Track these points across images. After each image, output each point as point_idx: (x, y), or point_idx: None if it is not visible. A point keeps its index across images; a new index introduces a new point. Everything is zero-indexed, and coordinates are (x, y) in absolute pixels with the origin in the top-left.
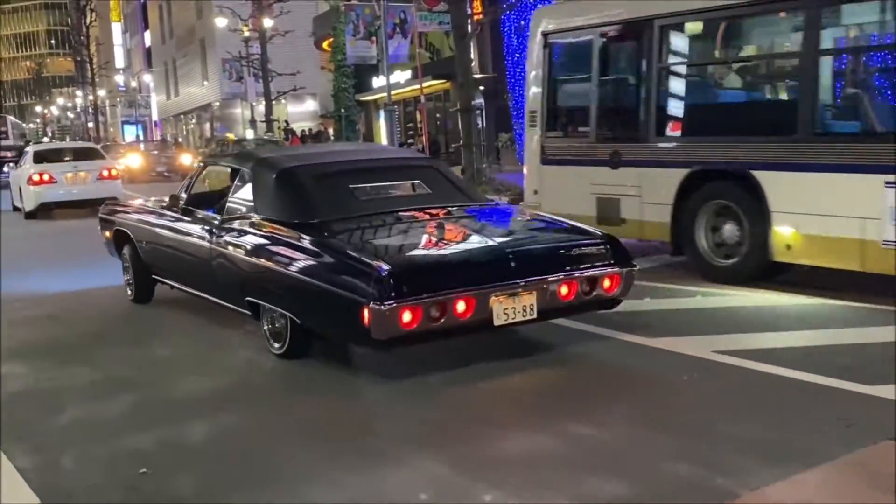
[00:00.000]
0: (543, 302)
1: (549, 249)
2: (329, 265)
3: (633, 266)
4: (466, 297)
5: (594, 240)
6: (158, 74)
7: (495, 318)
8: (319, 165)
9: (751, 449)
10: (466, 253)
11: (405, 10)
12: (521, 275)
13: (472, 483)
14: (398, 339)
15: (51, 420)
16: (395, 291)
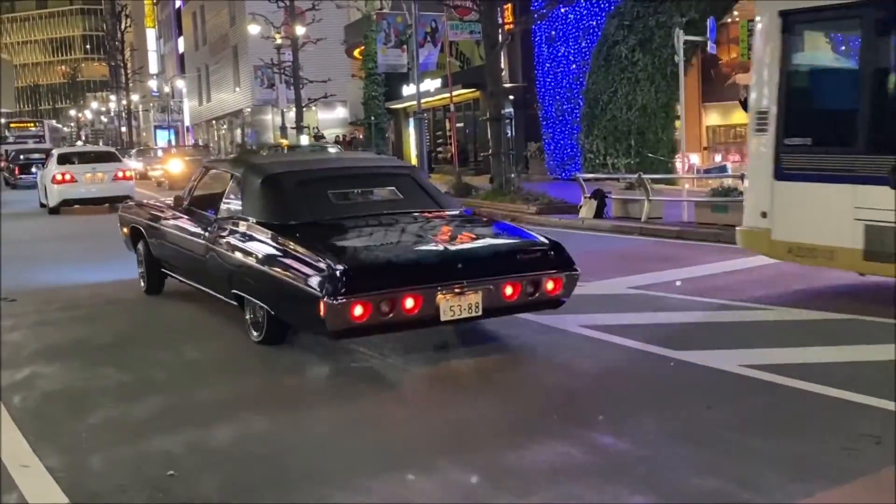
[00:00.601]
0: (489, 300)
1: (496, 253)
2: (295, 263)
3: (574, 270)
4: (414, 295)
5: (539, 246)
6: (191, 80)
7: (442, 314)
8: (303, 172)
9: (779, 464)
10: (417, 254)
11: (436, 19)
12: (467, 275)
13: (497, 493)
14: (351, 331)
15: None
16: (347, 288)
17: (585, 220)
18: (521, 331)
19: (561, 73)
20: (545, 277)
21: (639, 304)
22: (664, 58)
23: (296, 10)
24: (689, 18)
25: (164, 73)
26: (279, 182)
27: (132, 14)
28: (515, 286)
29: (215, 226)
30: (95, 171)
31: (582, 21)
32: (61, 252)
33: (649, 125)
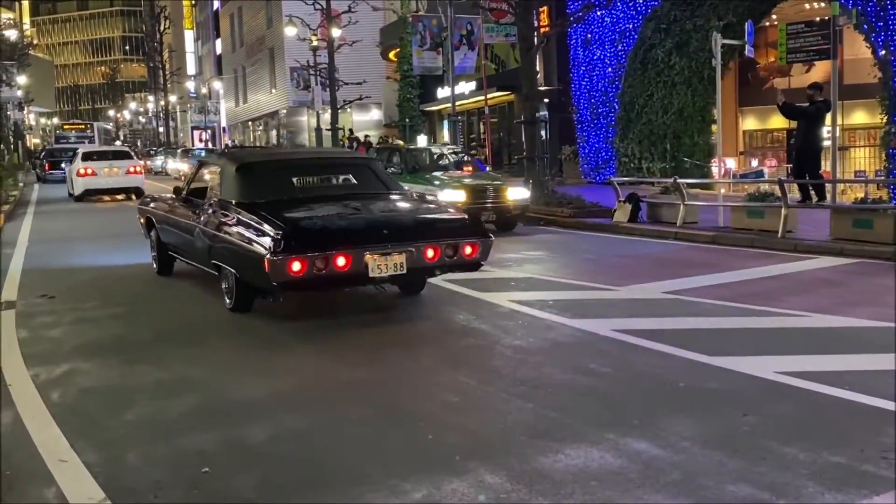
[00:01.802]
0: (412, 261)
1: (420, 223)
2: (252, 231)
3: (488, 237)
4: (345, 254)
5: (459, 217)
6: (228, 81)
7: (370, 272)
8: (271, 162)
9: (815, 473)
10: (349, 222)
11: (472, 22)
12: (392, 240)
13: (530, 496)
14: (291, 284)
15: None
16: (286, 247)
17: (620, 224)
18: (554, 334)
19: (596, 77)
20: (463, 243)
21: (673, 308)
22: (701, 61)
23: (332, 13)
24: (726, 22)
25: (202, 74)
26: (250, 169)
27: (171, 16)
28: (436, 250)
29: (202, 209)
30: (112, 166)
31: (618, 24)
32: (84, 233)
33: (685, 129)
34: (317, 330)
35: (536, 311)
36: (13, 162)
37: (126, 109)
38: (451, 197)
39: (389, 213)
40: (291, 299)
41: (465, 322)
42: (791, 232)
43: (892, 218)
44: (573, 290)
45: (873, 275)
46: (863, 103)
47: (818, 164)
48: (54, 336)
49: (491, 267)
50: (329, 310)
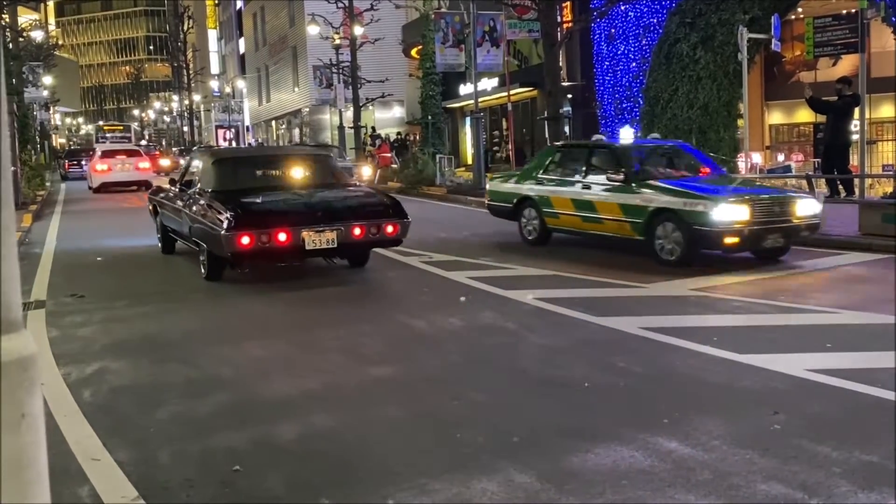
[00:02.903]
0: (341, 237)
1: (349, 206)
2: (216, 213)
3: (406, 219)
4: (286, 231)
5: (382, 202)
6: (251, 80)
7: (306, 245)
8: (239, 157)
9: (848, 472)
10: (292, 206)
11: (494, 18)
12: (325, 220)
13: (560, 496)
14: (243, 254)
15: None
16: (237, 225)
17: None
18: (581, 333)
19: (620, 72)
20: (385, 223)
21: (701, 306)
22: (726, 56)
23: (354, 11)
24: (752, 15)
25: (225, 73)
26: (222, 164)
27: (194, 15)
28: (362, 228)
29: (189, 197)
30: (125, 163)
31: (642, 19)
32: (111, 232)
33: (711, 124)
34: (344, 330)
35: (563, 309)
36: (40, 162)
37: (150, 109)
38: (730, 214)
39: (326, 199)
40: (320, 302)
41: (491, 320)
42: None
43: None
44: (599, 287)
45: None
46: (890, 96)
47: (846, 158)
48: (84, 335)
49: (514, 264)
50: (356, 309)
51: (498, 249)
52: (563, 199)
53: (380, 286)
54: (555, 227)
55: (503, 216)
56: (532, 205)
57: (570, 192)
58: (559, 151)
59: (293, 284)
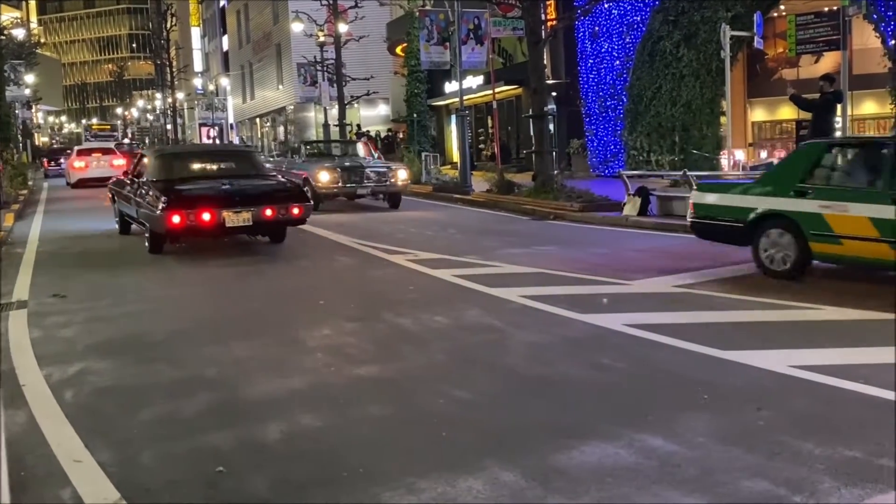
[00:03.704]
0: (256, 217)
1: (262, 192)
2: (155, 198)
3: (309, 202)
4: (210, 211)
5: (290, 188)
6: (235, 78)
7: (227, 223)
8: (178, 153)
9: (831, 468)
10: (215, 192)
11: (479, 16)
12: (241, 203)
13: (546, 494)
14: (176, 231)
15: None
16: (169, 207)
17: (629, 217)
18: (566, 330)
19: (604, 70)
20: (291, 205)
21: (685, 302)
22: (709, 53)
23: (338, 8)
24: (734, 13)
25: (209, 71)
26: (162, 157)
27: (177, 13)
28: (273, 209)
29: (137, 186)
30: (100, 160)
31: (626, 16)
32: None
33: (694, 121)
34: (330, 329)
35: (548, 307)
36: (22, 161)
37: (134, 107)
38: None
39: (244, 186)
40: (305, 301)
41: (476, 318)
42: None
43: None
44: (584, 284)
45: None
46: (872, 93)
47: None
48: (67, 335)
49: (500, 262)
50: (342, 308)
51: (482, 248)
52: (856, 220)
53: (366, 285)
54: (828, 256)
55: (723, 238)
56: (785, 225)
57: (872, 209)
58: (832, 150)
59: (279, 284)
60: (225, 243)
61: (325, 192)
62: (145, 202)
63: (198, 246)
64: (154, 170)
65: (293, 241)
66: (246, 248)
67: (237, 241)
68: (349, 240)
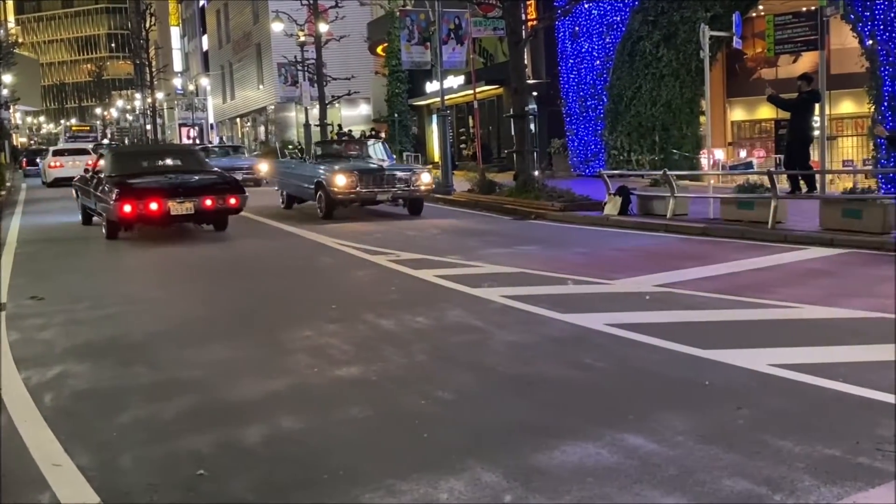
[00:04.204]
0: (197, 206)
1: (203, 184)
2: (109, 190)
3: (245, 194)
4: (156, 201)
5: (228, 181)
6: (215, 78)
7: (171, 212)
8: (130, 151)
9: (810, 467)
10: (162, 185)
11: (459, 16)
12: (184, 195)
13: (527, 493)
14: (127, 219)
15: (112, 419)
16: (121, 198)
17: (610, 217)
18: (547, 329)
19: (585, 69)
20: (228, 196)
21: (665, 302)
22: (689, 53)
23: (319, 8)
24: (713, 13)
25: (189, 70)
26: (118, 155)
27: (157, 12)
28: (212, 199)
29: (96, 181)
30: (74, 160)
31: (606, 17)
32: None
33: (674, 121)
34: (311, 330)
35: (529, 306)
36: (0, 161)
37: (113, 107)
38: None
39: (188, 180)
40: (287, 302)
41: (458, 318)
42: (781, 223)
43: (881, 208)
44: (565, 284)
45: (864, 265)
46: (850, 93)
47: (807, 154)
48: (45, 338)
49: (482, 262)
50: (323, 309)
51: (463, 248)
52: None
53: (347, 285)
54: None
55: None
56: None
57: None
58: None
59: (259, 285)
60: (206, 244)
61: (341, 197)
62: (102, 194)
63: (180, 245)
64: (109, 167)
65: (275, 241)
66: (223, 249)
67: (217, 242)
68: (330, 240)
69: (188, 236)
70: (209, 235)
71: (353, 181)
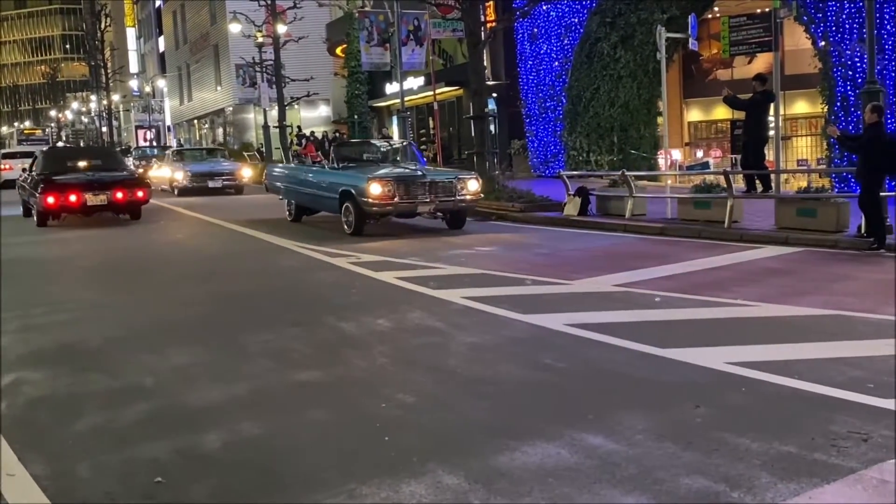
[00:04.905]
0: (109, 198)
1: (115, 179)
2: (38, 186)
3: (150, 188)
4: (76, 193)
5: (136, 177)
6: (172, 79)
7: (88, 203)
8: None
9: (767, 463)
10: (81, 180)
11: (419, 18)
12: (99, 188)
13: (488, 495)
14: (52, 209)
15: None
16: (45, 191)
17: (570, 217)
18: (508, 331)
19: (544, 71)
20: (136, 189)
21: (624, 301)
22: (646, 54)
23: (277, 9)
24: (670, 15)
25: (145, 72)
26: (47, 156)
27: (112, 13)
28: (123, 192)
29: (31, 178)
30: (24, 163)
31: (564, 18)
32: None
33: (632, 122)
34: (271, 334)
35: (490, 308)
36: None
37: (68, 109)
38: None
39: (103, 176)
40: (246, 306)
41: (419, 320)
42: (737, 222)
43: (835, 206)
44: (525, 285)
45: (818, 263)
46: (804, 93)
47: (762, 154)
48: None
49: (443, 264)
50: (283, 312)
51: (424, 249)
52: None
53: (308, 288)
54: None
55: None
56: None
57: None
58: None
59: (219, 287)
60: (166, 247)
61: (376, 210)
62: (32, 189)
63: (142, 249)
64: (40, 166)
65: (228, 244)
66: (180, 254)
67: (174, 245)
68: (290, 243)
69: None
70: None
71: (389, 190)
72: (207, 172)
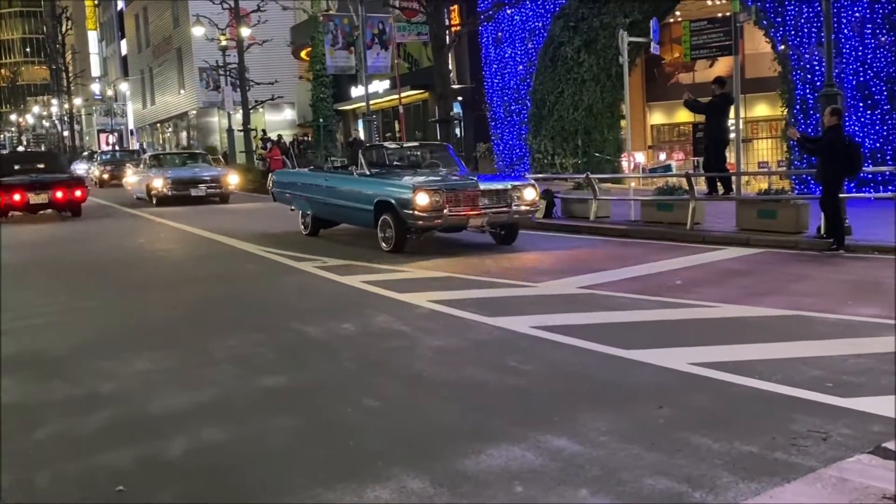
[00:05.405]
0: (50, 197)
1: (56, 180)
2: None
3: (87, 188)
4: (20, 193)
5: (76, 178)
6: (135, 83)
7: (31, 201)
8: (6, 156)
9: (729, 463)
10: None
11: (383, 21)
12: (40, 188)
13: (454, 498)
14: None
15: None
16: None
17: (535, 220)
18: (474, 334)
19: (508, 74)
20: (75, 189)
21: (588, 303)
22: (609, 58)
23: (241, 12)
24: (632, 19)
25: (107, 75)
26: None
27: (73, 16)
28: (63, 191)
29: None
30: None
31: (528, 22)
32: None
33: (595, 125)
34: (236, 339)
35: (456, 311)
36: None
37: (29, 113)
38: None
39: (45, 177)
40: (211, 311)
41: (384, 324)
42: (699, 224)
43: (795, 208)
44: (491, 287)
45: (778, 264)
46: (764, 96)
47: (722, 156)
48: None
49: (409, 267)
50: (248, 317)
51: (390, 253)
52: None
53: (273, 293)
54: None
55: None
56: None
57: None
58: None
59: (182, 292)
60: (133, 251)
61: (423, 223)
62: None
63: (111, 252)
64: None
65: (200, 250)
66: (142, 257)
67: (138, 250)
68: (254, 247)
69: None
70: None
71: (438, 201)
72: (189, 179)
